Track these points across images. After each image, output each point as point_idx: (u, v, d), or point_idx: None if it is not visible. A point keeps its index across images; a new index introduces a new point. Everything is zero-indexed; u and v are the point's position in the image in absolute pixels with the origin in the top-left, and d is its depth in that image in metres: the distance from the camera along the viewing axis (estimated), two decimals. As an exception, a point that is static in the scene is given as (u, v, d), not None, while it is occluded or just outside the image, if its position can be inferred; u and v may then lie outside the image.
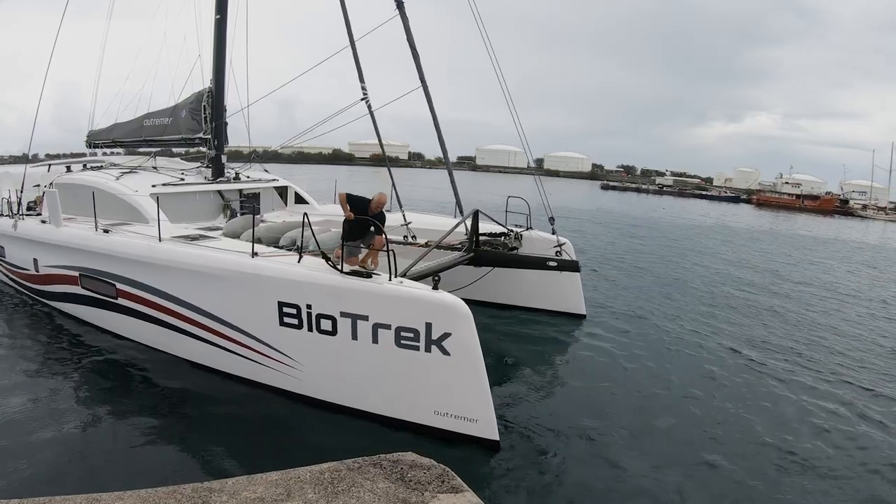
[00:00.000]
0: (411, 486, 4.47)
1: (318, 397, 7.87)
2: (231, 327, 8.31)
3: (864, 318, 14.71)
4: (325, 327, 7.45)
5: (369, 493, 4.30)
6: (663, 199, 75.41)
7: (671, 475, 6.68)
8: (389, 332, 7.07)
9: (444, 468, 4.81)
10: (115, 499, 4.17)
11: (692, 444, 7.45)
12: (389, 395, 7.44)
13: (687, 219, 44.55)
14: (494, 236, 11.66)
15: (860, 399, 9.19)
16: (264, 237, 9.96)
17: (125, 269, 9.44)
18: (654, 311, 13.79)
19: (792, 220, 55.03)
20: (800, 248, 29.56)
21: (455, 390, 7.05)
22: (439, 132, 11.68)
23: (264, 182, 14.22)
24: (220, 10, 12.43)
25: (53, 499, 4.27)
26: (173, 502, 4.08)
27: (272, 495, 4.19)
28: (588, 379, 9.46)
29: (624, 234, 30.31)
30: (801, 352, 11.37)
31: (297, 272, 7.62)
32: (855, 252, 30.34)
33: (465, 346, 6.86)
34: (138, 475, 6.18)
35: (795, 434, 7.89)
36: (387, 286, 7.12)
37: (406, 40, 11.31)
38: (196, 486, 4.28)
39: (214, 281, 8.29)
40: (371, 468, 4.66)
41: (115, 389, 8.48)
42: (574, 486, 6.43)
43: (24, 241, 11.86)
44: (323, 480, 4.43)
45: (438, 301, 6.89)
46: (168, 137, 13.71)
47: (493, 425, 6.92)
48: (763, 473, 6.87)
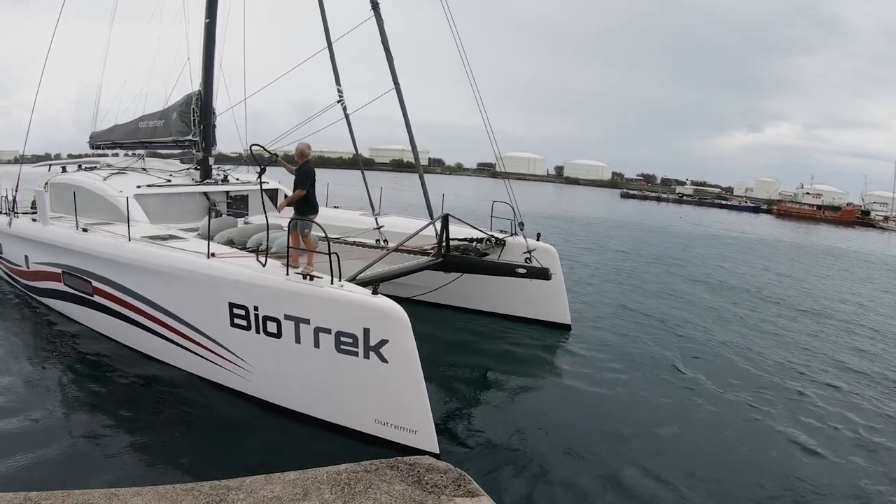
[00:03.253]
0: (427, 489, 4.46)
1: (267, 399, 7.80)
2: (189, 327, 8.39)
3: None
4: (271, 329, 7.39)
5: (386, 495, 4.30)
6: (683, 208, 74.74)
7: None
8: (330, 336, 6.95)
9: (461, 472, 4.79)
10: (134, 494, 4.20)
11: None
12: (332, 401, 7.31)
13: (706, 229, 43.99)
14: (475, 241, 11.41)
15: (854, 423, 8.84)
16: (237, 239, 10.04)
17: (99, 267, 9.60)
18: (649, 331, 12.62)
19: (814, 231, 54.26)
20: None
21: (394, 399, 6.86)
22: (410, 133, 11.54)
23: (253, 184, 14.13)
24: (210, 14, 12.70)
25: (72, 492, 4.31)
26: (191, 499, 4.11)
27: (289, 495, 4.20)
28: (554, 395, 8.93)
29: (639, 243, 29.97)
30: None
31: (244, 273, 7.60)
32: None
33: (403, 353, 6.67)
34: (81, 469, 6.18)
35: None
36: (326, 289, 6.99)
37: (381, 42, 11.24)
38: (214, 483, 4.30)
39: (174, 280, 8.37)
40: (388, 470, 4.66)
41: (79, 385, 8.53)
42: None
43: (17, 239, 12.21)
44: (340, 481, 4.44)
45: (376, 306, 6.71)
46: (160, 139, 13.96)
47: (432, 437, 6.66)
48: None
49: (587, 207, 58.66)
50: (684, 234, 37.88)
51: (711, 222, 51.71)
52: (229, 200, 13.68)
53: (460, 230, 11.30)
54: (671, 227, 42.75)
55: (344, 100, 11.47)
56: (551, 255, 11.44)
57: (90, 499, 4.15)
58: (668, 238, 33.93)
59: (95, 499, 4.15)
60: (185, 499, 4.13)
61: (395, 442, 6.82)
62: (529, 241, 11.34)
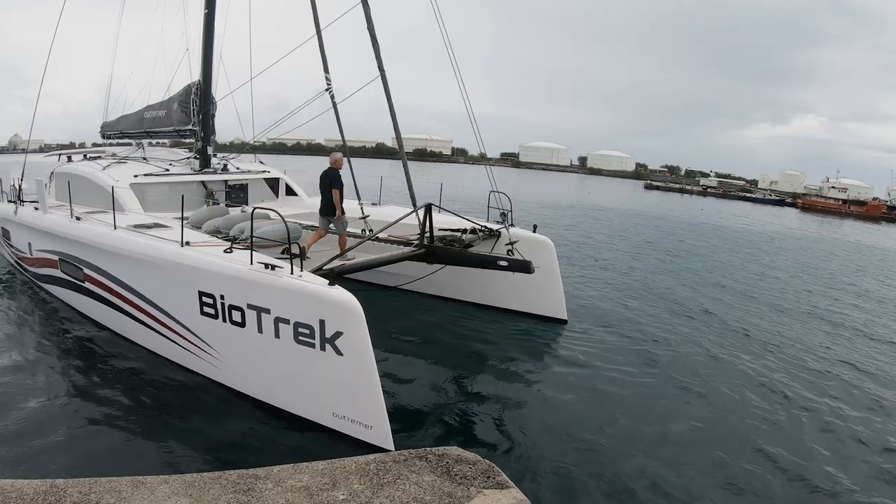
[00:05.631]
0: (457, 480, 4.37)
1: (236, 388, 7.83)
2: (166, 314, 8.45)
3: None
4: (236, 318, 7.38)
5: (415, 486, 4.22)
6: (707, 201, 73.87)
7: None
8: (289, 326, 6.89)
9: (490, 464, 4.69)
10: (161, 482, 4.16)
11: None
12: (293, 392, 7.28)
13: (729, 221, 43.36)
14: (466, 232, 11.16)
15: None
16: (223, 227, 10.12)
17: (89, 255, 9.75)
18: (653, 328, 11.94)
19: (837, 225, 53.19)
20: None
21: (349, 393, 6.76)
22: (395, 121, 11.42)
23: (253, 173, 14.43)
24: (209, 4, 12.84)
25: (98, 480, 4.28)
26: (218, 487, 4.05)
27: (318, 484, 4.13)
28: (538, 393, 8.53)
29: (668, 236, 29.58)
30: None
31: (212, 262, 7.61)
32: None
33: (357, 346, 6.57)
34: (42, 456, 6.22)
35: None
36: (284, 279, 6.91)
37: (367, 29, 11.02)
38: (242, 472, 4.25)
39: (151, 268, 8.45)
40: (417, 461, 4.58)
41: (79, 372, 8.59)
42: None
43: (22, 226, 12.45)
44: (369, 471, 4.36)
45: (330, 297, 6.61)
46: (163, 129, 14.19)
47: (387, 433, 6.53)
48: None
49: (609, 198, 58.22)
50: (712, 226, 37.33)
51: (733, 216, 50.95)
52: (227, 189, 13.79)
53: (452, 221, 11.12)
54: (698, 219, 42.21)
55: (332, 88, 11.41)
56: (547, 247, 11.20)
57: (117, 486, 4.12)
58: (696, 231, 33.48)
59: (122, 486, 4.11)
60: (212, 487, 4.08)
61: (351, 436, 6.72)
62: (521, 232, 11.18)
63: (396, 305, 11.89)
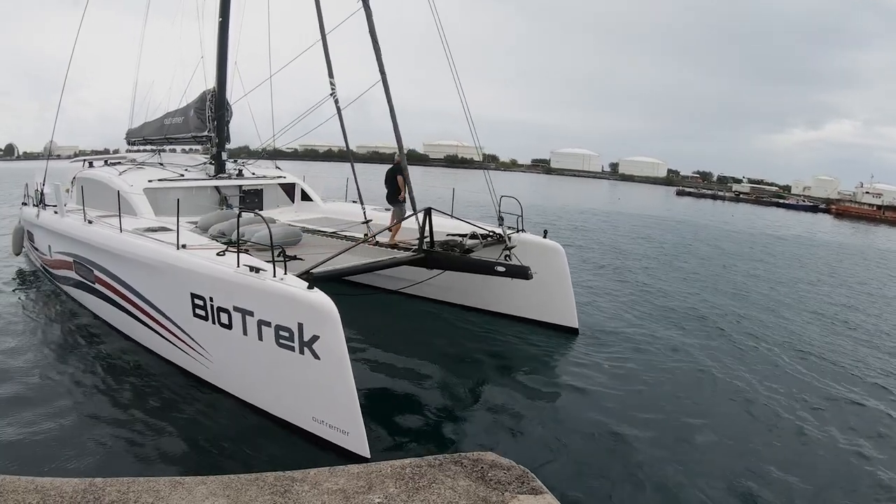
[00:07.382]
0: (491, 485, 4.34)
1: (225, 389, 7.90)
2: (164, 316, 8.61)
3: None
4: (224, 320, 7.47)
5: (450, 491, 4.20)
6: (739, 207, 72.69)
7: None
8: (271, 329, 6.92)
9: (525, 469, 4.65)
10: (199, 482, 4.20)
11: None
12: (276, 395, 7.30)
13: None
14: (474, 237, 10.89)
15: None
16: (227, 231, 10.21)
17: (98, 257, 10.03)
18: (673, 340, 11.35)
19: (873, 232, 51.84)
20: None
21: (326, 398, 6.72)
22: (395, 125, 11.26)
23: (268, 179, 14.57)
24: (223, 13, 13.10)
25: (137, 479, 4.33)
26: (255, 489, 4.08)
27: (354, 487, 4.13)
28: (543, 406, 8.26)
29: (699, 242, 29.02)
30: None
31: (202, 264, 7.74)
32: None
33: (333, 351, 6.52)
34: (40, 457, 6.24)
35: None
36: (266, 282, 6.95)
37: (368, 33, 10.92)
38: (279, 474, 4.27)
39: (150, 270, 8.64)
40: (452, 465, 4.55)
41: (95, 376, 8.65)
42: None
43: (43, 229, 12.86)
44: (404, 475, 4.35)
45: (308, 301, 6.60)
46: (181, 135, 14.52)
47: (363, 439, 6.43)
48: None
49: (640, 204, 57.48)
50: (750, 234, 36.65)
51: (768, 223, 49.97)
52: (242, 195, 13.95)
53: (459, 226, 11.04)
54: (734, 225, 41.45)
55: (336, 93, 11.38)
56: (557, 253, 10.96)
57: (155, 486, 4.16)
58: (733, 237, 32.82)
59: (160, 486, 4.16)
60: (249, 489, 4.11)
61: (329, 441, 6.68)
62: (531, 237, 11.08)
63: (400, 310, 11.87)
